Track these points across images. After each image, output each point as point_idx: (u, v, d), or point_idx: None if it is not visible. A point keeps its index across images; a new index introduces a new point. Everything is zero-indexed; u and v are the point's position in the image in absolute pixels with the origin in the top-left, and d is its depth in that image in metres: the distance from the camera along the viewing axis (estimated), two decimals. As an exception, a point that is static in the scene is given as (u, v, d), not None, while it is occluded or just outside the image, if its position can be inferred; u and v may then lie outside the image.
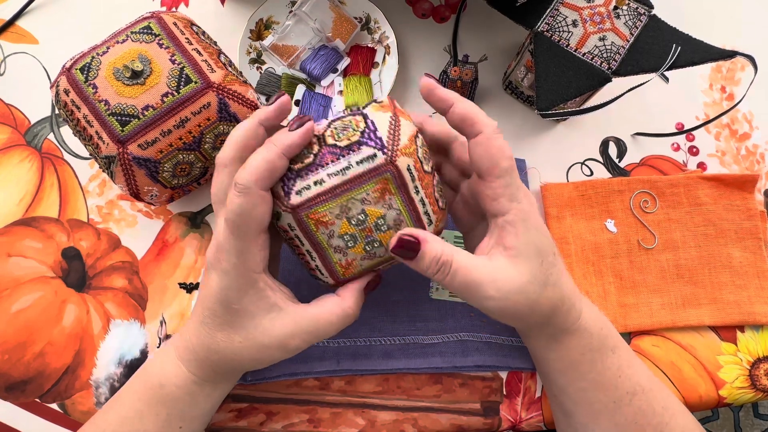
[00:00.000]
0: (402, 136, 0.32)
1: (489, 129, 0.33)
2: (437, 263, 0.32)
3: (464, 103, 0.34)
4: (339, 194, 0.31)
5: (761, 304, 0.47)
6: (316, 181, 0.31)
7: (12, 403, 0.44)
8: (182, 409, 0.36)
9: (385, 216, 0.32)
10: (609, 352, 0.37)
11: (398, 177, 0.31)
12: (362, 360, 0.44)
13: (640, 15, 0.43)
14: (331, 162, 0.31)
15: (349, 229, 0.32)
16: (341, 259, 0.33)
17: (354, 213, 0.32)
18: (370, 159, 0.31)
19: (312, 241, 0.33)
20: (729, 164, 0.51)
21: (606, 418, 0.37)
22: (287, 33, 0.50)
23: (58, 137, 0.49)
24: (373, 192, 0.32)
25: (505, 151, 0.33)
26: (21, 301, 0.45)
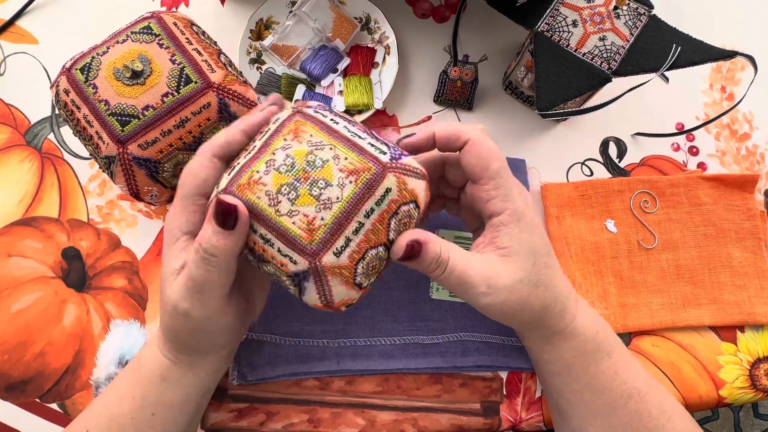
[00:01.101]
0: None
1: (474, 134, 0.34)
2: (436, 262, 0.32)
3: (441, 125, 0.35)
4: (259, 156, 0.31)
5: (761, 304, 0.47)
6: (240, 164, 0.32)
7: (12, 403, 0.44)
8: (155, 393, 0.36)
9: (314, 152, 0.30)
10: (605, 356, 0.37)
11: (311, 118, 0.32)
12: (362, 360, 0.44)
13: (640, 15, 0.43)
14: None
15: (282, 178, 0.30)
16: (296, 222, 0.29)
17: (279, 160, 0.30)
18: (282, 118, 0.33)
19: (259, 218, 0.30)
20: (729, 164, 0.51)
21: (601, 420, 0.37)
22: (287, 33, 0.50)
23: (58, 137, 0.49)
24: (289, 134, 0.31)
25: (493, 153, 0.34)
26: (21, 301, 0.45)
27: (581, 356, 0.37)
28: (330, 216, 0.29)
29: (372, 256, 0.31)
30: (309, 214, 0.29)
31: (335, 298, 0.31)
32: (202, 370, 0.37)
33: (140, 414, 0.36)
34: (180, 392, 0.37)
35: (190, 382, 0.37)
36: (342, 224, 0.29)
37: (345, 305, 0.32)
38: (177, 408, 0.37)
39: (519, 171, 0.49)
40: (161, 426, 0.37)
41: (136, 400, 0.36)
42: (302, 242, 0.29)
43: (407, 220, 0.32)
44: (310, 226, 0.29)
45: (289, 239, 0.29)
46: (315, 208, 0.29)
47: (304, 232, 0.29)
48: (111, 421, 0.36)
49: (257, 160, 0.30)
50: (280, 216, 0.29)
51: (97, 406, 0.37)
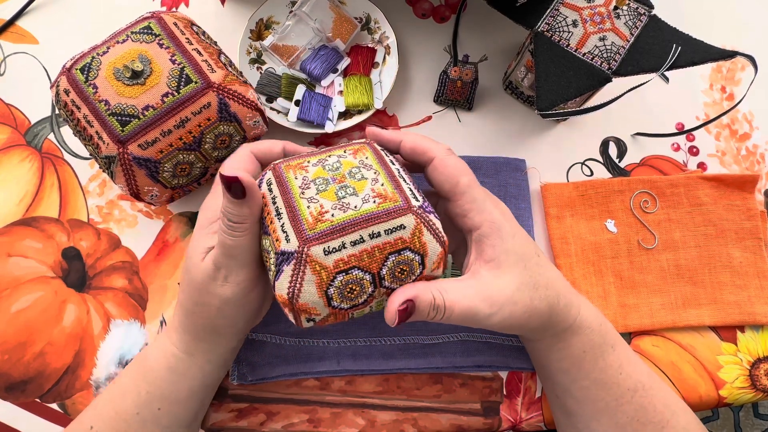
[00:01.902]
0: None
1: (440, 152, 0.35)
2: (434, 309, 0.31)
3: (410, 136, 0.36)
4: (319, 154, 0.34)
5: (761, 304, 0.47)
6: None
7: (12, 403, 0.44)
8: (161, 386, 0.36)
9: (360, 168, 0.33)
10: (609, 349, 0.37)
11: (376, 152, 0.34)
12: (362, 360, 0.44)
13: (640, 15, 0.43)
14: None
15: (323, 173, 0.32)
16: (310, 207, 0.31)
17: (330, 162, 0.33)
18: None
19: (285, 193, 0.32)
20: (729, 164, 0.51)
21: (608, 416, 0.37)
22: (287, 33, 0.50)
23: (58, 137, 0.49)
24: (351, 150, 0.34)
25: (460, 169, 0.34)
26: (21, 301, 0.45)
27: (590, 349, 0.37)
28: (340, 217, 0.30)
29: (356, 276, 0.30)
30: (324, 207, 0.31)
31: (301, 297, 0.30)
32: (209, 363, 0.38)
33: (146, 409, 0.36)
34: (185, 385, 0.37)
35: (195, 375, 0.37)
36: (345, 229, 0.30)
37: (306, 314, 0.31)
38: (182, 403, 0.38)
39: (519, 171, 0.49)
40: (167, 421, 0.37)
41: (142, 394, 0.36)
42: (304, 225, 0.30)
43: (406, 268, 0.31)
44: (319, 216, 0.30)
45: (296, 219, 0.31)
46: (332, 205, 0.31)
47: (311, 218, 0.30)
48: (116, 416, 0.36)
49: (297, 206, 0.31)
50: (302, 198, 0.31)
51: (101, 402, 0.38)
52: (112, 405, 0.37)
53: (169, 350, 0.37)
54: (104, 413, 0.37)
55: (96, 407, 0.37)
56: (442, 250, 0.32)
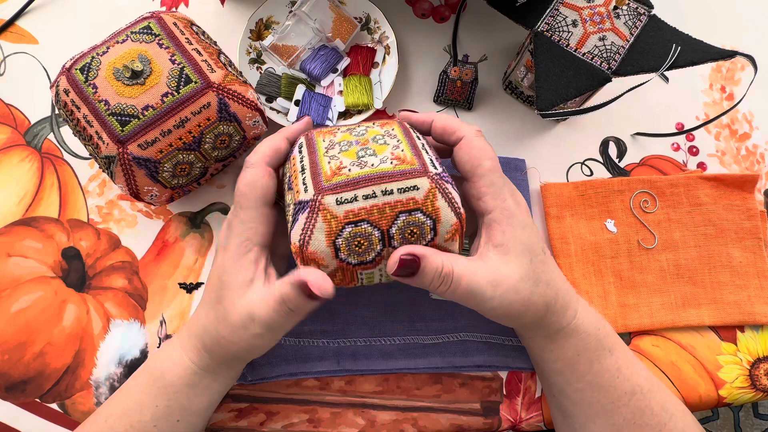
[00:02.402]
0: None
1: (469, 133, 0.35)
2: (440, 276, 0.31)
3: (442, 116, 0.37)
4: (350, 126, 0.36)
5: (761, 304, 0.47)
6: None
7: (12, 403, 0.44)
8: (181, 400, 0.36)
9: (384, 136, 0.34)
10: (606, 353, 0.37)
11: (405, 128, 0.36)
12: (362, 360, 0.44)
13: (640, 15, 0.43)
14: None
15: (348, 137, 0.34)
16: (331, 162, 0.32)
17: (357, 130, 0.35)
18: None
19: (311, 151, 0.34)
20: (729, 164, 0.51)
21: (604, 418, 0.37)
22: (287, 33, 0.50)
23: (58, 137, 0.49)
24: (380, 125, 0.36)
25: (486, 152, 0.34)
26: (21, 301, 0.45)
27: (584, 353, 0.37)
28: (356, 172, 0.31)
29: (364, 230, 0.31)
30: (343, 163, 0.32)
31: (311, 244, 0.31)
32: (227, 377, 0.38)
33: (164, 421, 0.36)
34: (206, 398, 0.37)
35: (216, 389, 0.38)
36: (359, 183, 0.31)
37: (314, 264, 0.31)
38: (201, 414, 0.38)
39: (519, 171, 0.49)
40: (184, 430, 0.37)
41: (160, 408, 0.36)
42: (322, 178, 0.31)
43: (416, 231, 0.31)
44: (337, 170, 0.32)
45: (316, 172, 0.32)
46: (351, 162, 0.32)
47: (329, 171, 0.32)
48: (131, 428, 0.36)
49: (319, 162, 0.33)
50: (325, 156, 0.33)
51: (112, 413, 0.37)
52: (126, 418, 0.36)
53: (189, 367, 0.36)
54: (117, 426, 0.36)
55: (107, 420, 0.37)
56: (458, 221, 0.32)
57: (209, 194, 0.48)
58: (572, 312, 0.37)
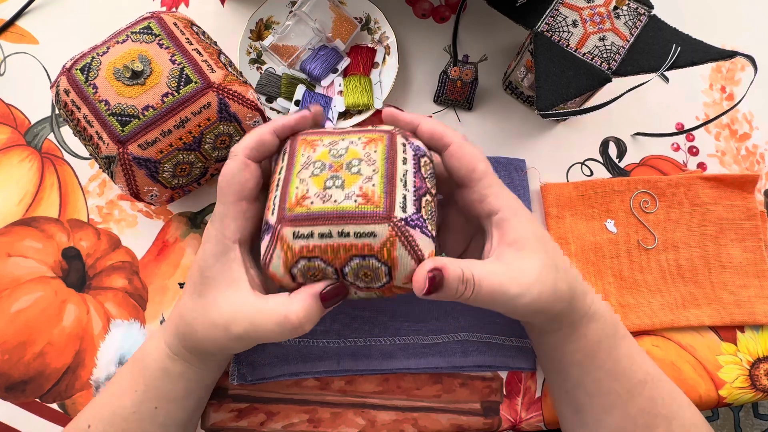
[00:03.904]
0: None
1: (457, 139, 0.34)
2: (463, 282, 0.31)
3: (429, 121, 0.35)
4: (289, 179, 0.33)
5: (761, 304, 0.47)
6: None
7: (12, 403, 0.44)
8: (157, 386, 0.36)
9: (362, 161, 0.32)
10: (621, 339, 0.37)
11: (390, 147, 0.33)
12: (362, 360, 0.44)
13: (640, 15, 0.43)
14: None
15: (326, 156, 0.32)
16: (299, 188, 0.31)
17: (338, 147, 0.33)
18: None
19: (289, 165, 0.33)
20: (729, 164, 0.51)
21: (620, 409, 0.37)
22: (287, 33, 0.50)
23: (58, 137, 0.49)
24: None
25: (477, 155, 0.34)
26: (21, 301, 0.45)
27: (604, 339, 0.37)
28: (317, 207, 0.30)
29: (317, 266, 0.31)
30: (309, 192, 0.31)
31: (270, 266, 0.32)
32: (201, 369, 0.38)
33: (143, 407, 0.36)
34: (181, 385, 0.37)
35: (191, 377, 0.37)
36: (317, 219, 0.30)
37: (277, 281, 0.32)
38: (179, 402, 0.37)
39: (519, 171, 0.49)
40: (164, 419, 0.37)
41: (138, 393, 0.36)
42: (286, 205, 0.31)
43: (370, 274, 0.31)
44: (301, 200, 0.31)
45: (285, 196, 0.31)
46: (316, 192, 0.31)
47: (294, 199, 0.31)
48: (113, 415, 0.36)
49: (290, 183, 0.32)
50: (297, 177, 0.32)
51: (98, 401, 0.38)
52: (109, 404, 0.37)
53: (164, 351, 0.36)
54: (102, 412, 0.37)
55: (94, 406, 0.37)
56: (415, 265, 0.31)
57: (209, 194, 0.48)
58: (590, 296, 0.37)
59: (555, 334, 0.38)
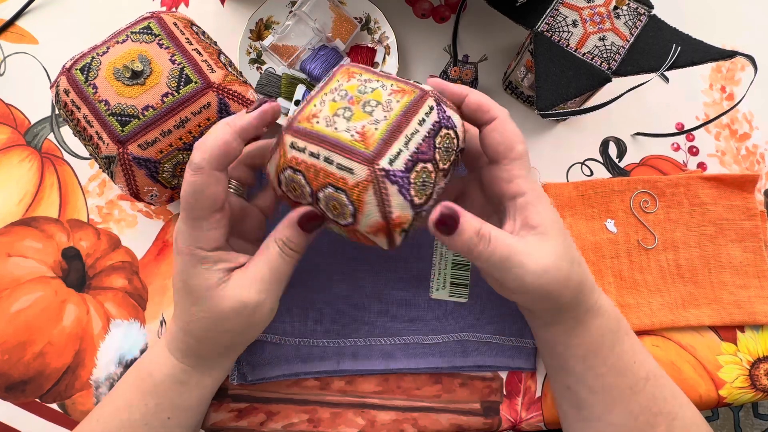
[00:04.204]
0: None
1: (503, 114, 0.35)
2: (478, 235, 0.31)
3: (477, 93, 0.35)
4: (315, 95, 0.34)
5: (761, 304, 0.47)
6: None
7: (12, 403, 0.44)
8: (171, 398, 0.36)
9: (380, 103, 0.32)
10: (624, 336, 0.37)
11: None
12: (362, 360, 0.44)
13: (640, 15, 0.43)
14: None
15: (354, 88, 0.33)
16: (316, 106, 0.33)
17: (369, 86, 0.33)
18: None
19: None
20: (729, 164, 0.51)
21: (621, 406, 0.37)
22: (287, 33, 0.50)
23: (58, 137, 0.49)
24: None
25: (519, 135, 0.35)
26: (21, 301, 0.45)
27: (608, 334, 0.37)
28: (319, 127, 0.31)
29: (299, 180, 0.32)
30: (320, 113, 0.32)
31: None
32: (219, 371, 0.38)
33: (154, 419, 0.36)
34: (196, 394, 0.37)
35: (207, 384, 0.38)
36: (313, 139, 0.31)
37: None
38: (193, 410, 0.38)
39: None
40: (176, 427, 0.37)
41: (150, 407, 0.36)
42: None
43: (337, 207, 0.31)
44: (310, 116, 0.32)
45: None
46: (325, 116, 0.32)
47: (306, 113, 0.32)
48: (122, 427, 0.36)
49: (314, 99, 0.33)
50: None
51: (104, 413, 0.37)
52: (117, 418, 0.36)
53: (177, 366, 0.36)
54: (109, 426, 0.36)
55: (99, 420, 0.37)
56: (383, 222, 0.31)
57: (209, 194, 0.48)
58: (597, 292, 0.37)
59: (558, 327, 0.37)
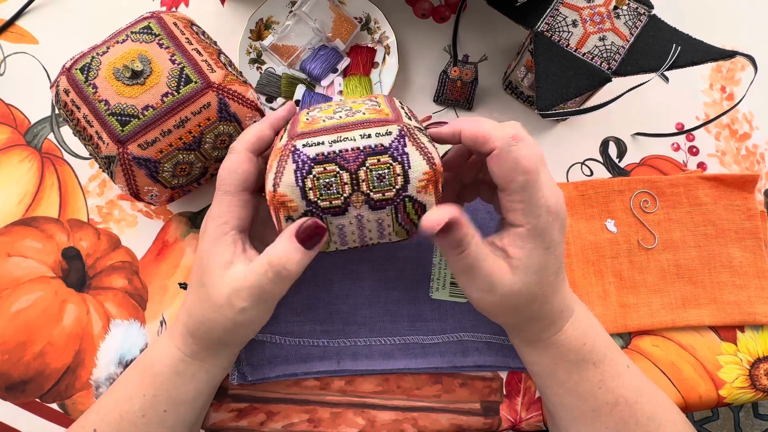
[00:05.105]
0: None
1: (501, 143, 0.31)
2: (465, 241, 0.32)
3: (470, 124, 0.33)
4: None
5: (761, 304, 0.47)
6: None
7: (12, 403, 0.44)
8: (168, 390, 0.36)
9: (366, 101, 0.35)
10: (590, 366, 0.36)
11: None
12: (362, 360, 0.44)
13: (640, 15, 0.43)
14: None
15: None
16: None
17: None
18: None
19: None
20: (729, 164, 0.51)
21: (585, 425, 0.37)
22: (287, 33, 0.50)
23: (58, 137, 0.49)
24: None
25: (520, 165, 0.31)
26: (21, 301, 0.45)
27: (563, 364, 0.36)
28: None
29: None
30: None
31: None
32: (214, 365, 0.38)
33: (151, 411, 0.36)
34: (192, 387, 0.37)
35: (202, 378, 0.37)
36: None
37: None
38: (189, 404, 0.38)
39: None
40: (173, 422, 0.37)
41: (148, 398, 0.36)
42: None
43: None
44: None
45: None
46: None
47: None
48: (121, 419, 0.36)
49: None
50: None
51: (103, 406, 0.37)
52: (116, 408, 0.37)
53: (176, 355, 0.37)
54: (108, 416, 0.37)
55: (99, 411, 0.37)
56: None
57: (209, 194, 0.48)
58: (555, 329, 0.36)
59: (512, 339, 0.39)
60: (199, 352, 0.36)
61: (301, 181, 0.31)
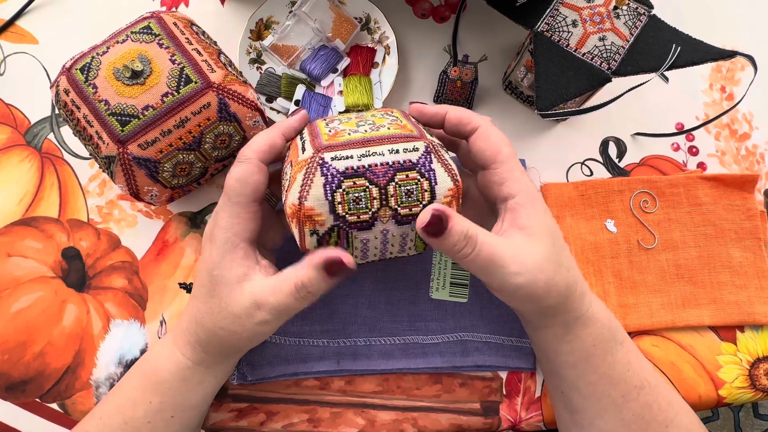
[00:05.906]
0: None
1: (484, 122, 0.36)
2: (465, 238, 0.31)
3: (456, 108, 0.37)
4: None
5: (761, 304, 0.47)
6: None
7: (12, 403, 0.44)
8: (174, 396, 0.36)
9: (384, 114, 0.35)
10: (618, 345, 0.37)
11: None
12: (362, 360, 0.44)
13: (640, 15, 0.43)
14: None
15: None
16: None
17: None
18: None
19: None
20: (729, 164, 0.51)
21: (613, 413, 0.37)
22: (287, 33, 0.50)
23: (58, 137, 0.49)
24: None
25: (503, 139, 0.35)
26: (21, 301, 0.45)
27: (600, 344, 0.37)
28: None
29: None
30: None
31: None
32: (222, 370, 0.38)
33: (158, 417, 0.36)
34: (200, 393, 0.37)
35: (209, 383, 0.38)
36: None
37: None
38: (196, 409, 0.38)
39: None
40: (178, 427, 0.37)
41: (154, 404, 0.36)
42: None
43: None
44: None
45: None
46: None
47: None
48: (125, 425, 0.36)
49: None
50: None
51: (105, 411, 0.37)
52: (120, 415, 0.36)
53: (181, 362, 0.36)
54: (111, 421, 0.36)
55: (100, 417, 0.37)
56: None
57: (209, 194, 0.48)
58: (589, 299, 0.37)
59: (547, 331, 0.37)
60: (206, 360, 0.36)
61: (331, 195, 0.31)
